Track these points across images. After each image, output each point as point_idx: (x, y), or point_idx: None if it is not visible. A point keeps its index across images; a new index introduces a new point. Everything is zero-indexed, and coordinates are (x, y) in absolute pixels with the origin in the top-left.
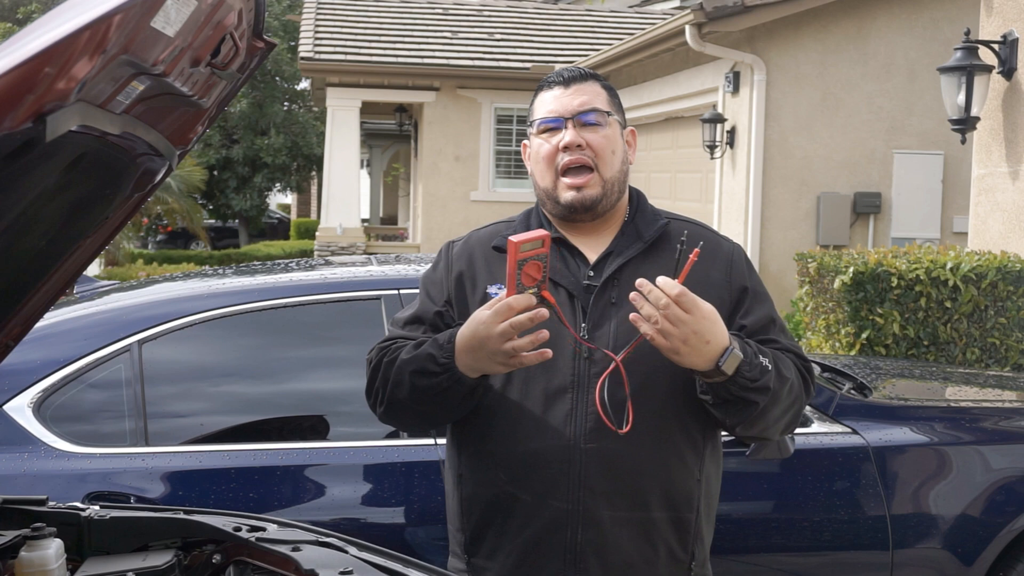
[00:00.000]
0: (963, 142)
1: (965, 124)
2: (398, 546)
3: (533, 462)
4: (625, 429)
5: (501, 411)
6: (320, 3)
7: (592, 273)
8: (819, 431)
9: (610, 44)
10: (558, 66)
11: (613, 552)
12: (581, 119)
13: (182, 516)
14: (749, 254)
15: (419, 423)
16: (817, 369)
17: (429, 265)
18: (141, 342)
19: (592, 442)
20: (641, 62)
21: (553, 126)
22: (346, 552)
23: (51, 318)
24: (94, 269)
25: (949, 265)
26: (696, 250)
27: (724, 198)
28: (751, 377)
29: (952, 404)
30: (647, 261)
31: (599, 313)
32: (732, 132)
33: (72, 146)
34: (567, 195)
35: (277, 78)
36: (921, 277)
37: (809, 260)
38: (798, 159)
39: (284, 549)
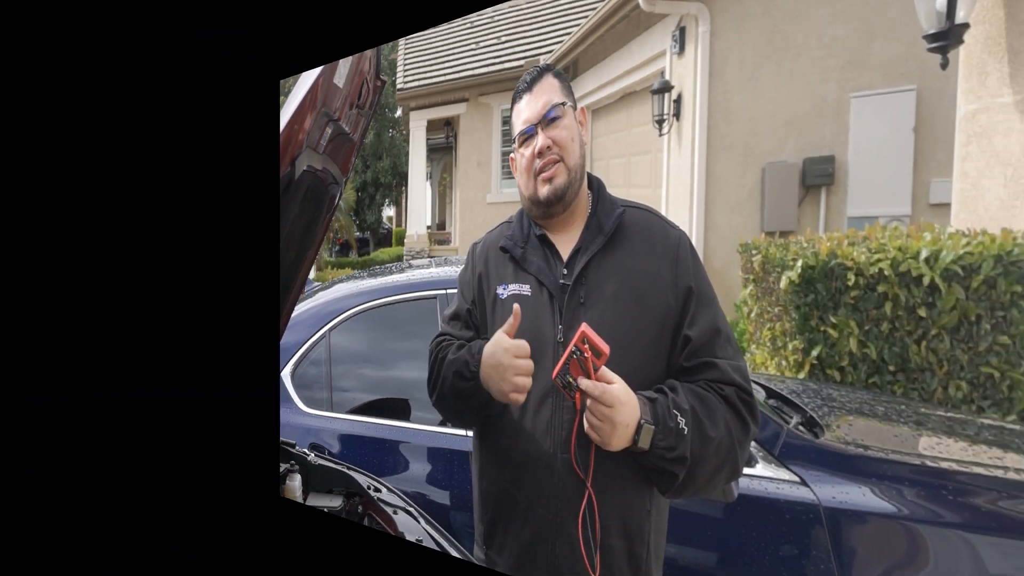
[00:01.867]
0: (944, 66)
1: (948, 38)
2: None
3: (525, 464)
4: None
5: (508, 409)
6: (407, 40)
7: (565, 271)
8: (763, 474)
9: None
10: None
11: (584, 574)
12: (547, 118)
13: (344, 470)
14: (694, 244)
15: (454, 418)
16: (762, 394)
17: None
18: (330, 330)
19: (566, 452)
20: (602, 37)
21: (529, 134)
22: (419, 523)
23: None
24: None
25: (924, 254)
26: (589, 350)
27: (671, 181)
28: (666, 446)
29: (929, 463)
30: (609, 255)
31: (571, 314)
32: (678, 101)
33: (302, 181)
34: (543, 190)
35: (386, 109)
36: (885, 272)
37: (753, 252)
38: (743, 122)
39: (390, 511)
